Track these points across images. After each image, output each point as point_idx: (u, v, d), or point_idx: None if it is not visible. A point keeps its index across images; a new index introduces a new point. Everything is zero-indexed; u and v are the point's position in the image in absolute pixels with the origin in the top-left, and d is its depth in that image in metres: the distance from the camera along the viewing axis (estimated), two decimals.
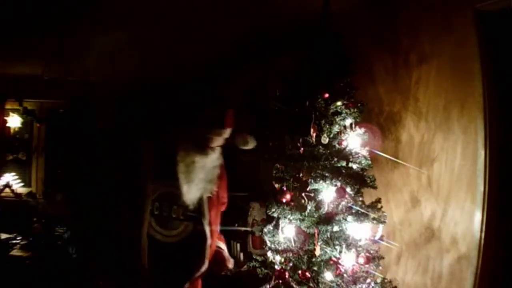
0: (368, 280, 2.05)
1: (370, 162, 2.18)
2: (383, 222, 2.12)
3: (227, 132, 2.04)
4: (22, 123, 5.39)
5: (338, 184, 2.06)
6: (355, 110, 2.17)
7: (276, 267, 2.27)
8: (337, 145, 2.18)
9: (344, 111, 2.15)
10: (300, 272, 2.14)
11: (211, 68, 4.65)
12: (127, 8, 2.84)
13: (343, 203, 2.09)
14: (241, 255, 3.56)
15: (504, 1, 1.89)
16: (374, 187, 2.18)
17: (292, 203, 2.25)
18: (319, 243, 2.11)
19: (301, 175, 2.22)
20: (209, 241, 2.05)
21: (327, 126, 2.18)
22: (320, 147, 2.17)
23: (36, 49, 3.82)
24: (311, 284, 2.13)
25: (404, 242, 2.37)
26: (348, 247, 2.06)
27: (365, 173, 2.17)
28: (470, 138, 2.00)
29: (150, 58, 4.25)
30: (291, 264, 2.24)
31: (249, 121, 4.03)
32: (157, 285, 1.96)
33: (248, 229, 3.52)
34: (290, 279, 2.17)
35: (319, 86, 2.19)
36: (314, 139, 2.19)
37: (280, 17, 3.02)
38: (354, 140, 2.16)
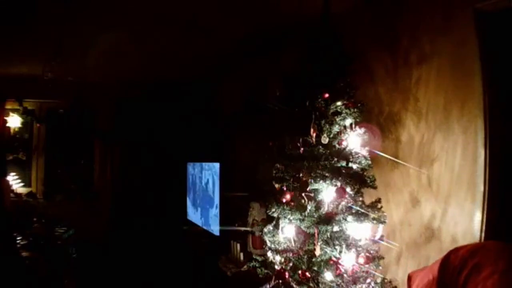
0: (368, 280, 2.06)
1: (370, 162, 2.18)
2: (383, 222, 2.12)
3: None
4: (22, 123, 5.39)
5: (338, 184, 2.06)
6: (355, 110, 2.17)
7: (276, 267, 2.27)
8: (337, 145, 2.18)
9: (344, 111, 2.15)
10: (300, 272, 2.14)
11: (211, 68, 4.65)
12: (127, 7, 2.84)
13: (343, 203, 2.09)
14: (241, 255, 3.57)
15: (504, 1, 1.89)
16: (374, 187, 2.18)
17: (292, 203, 2.25)
18: (319, 243, 2.11)
19: (301, 175, 2.22)
20: None
21: (327, 126, 2.18)
22: (320, 147, 2.17)
23: (36, 49, 3.82)
24: (311, 284, 2.13)
25: (404, 242, 2.37)
26: (348, 247, 2.06)
27: (365, 173, 2.17)
28: (470, 138, 2.00)
29: (149, 58, 4.25)
30: (291, 264, 2.24)
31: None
32: None
33: (248, 229, 3.52)
34: (290, 279, 2.17)
35: (319, 86, 2.19)
36: (314, 139, 2.19)
37: (280, 17, 3.02)
38: (354, 140, 2.16)
